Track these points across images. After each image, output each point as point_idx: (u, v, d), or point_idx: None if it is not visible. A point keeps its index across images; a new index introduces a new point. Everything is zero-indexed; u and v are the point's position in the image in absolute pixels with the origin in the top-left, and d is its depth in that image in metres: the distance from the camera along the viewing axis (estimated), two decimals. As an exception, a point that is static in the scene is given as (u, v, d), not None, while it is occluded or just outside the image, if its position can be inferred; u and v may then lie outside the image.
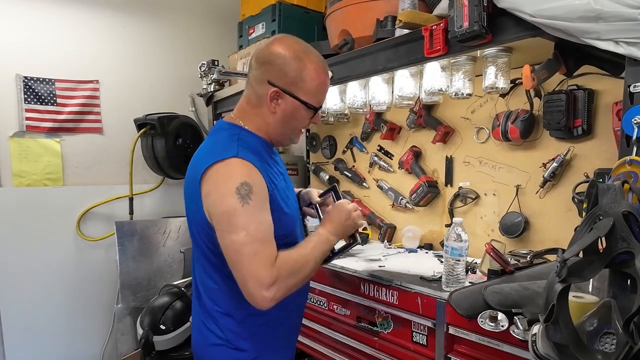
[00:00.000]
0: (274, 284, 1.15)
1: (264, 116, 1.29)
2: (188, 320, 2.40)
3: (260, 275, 1.14)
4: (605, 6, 1.10)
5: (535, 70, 1.37)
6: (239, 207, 1.14)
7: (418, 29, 1.61)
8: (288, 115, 1.29)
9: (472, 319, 1.30)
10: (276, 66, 1.25)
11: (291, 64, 1.24)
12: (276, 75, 1.25)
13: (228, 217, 1.16)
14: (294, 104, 1.27)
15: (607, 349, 0.90)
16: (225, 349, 1.32)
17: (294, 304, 1.42)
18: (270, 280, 1.14)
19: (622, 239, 0.91)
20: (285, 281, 1.17)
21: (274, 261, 1.16)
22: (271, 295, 1.14)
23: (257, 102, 1.29)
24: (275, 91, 1.25)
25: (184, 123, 2.93)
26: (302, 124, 1.35)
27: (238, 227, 1.15)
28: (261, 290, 1.14)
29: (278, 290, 1.16)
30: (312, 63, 1.26)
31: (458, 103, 2.07)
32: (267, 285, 1.14)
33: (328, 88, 1.36)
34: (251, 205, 1.15)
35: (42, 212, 2.73)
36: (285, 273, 1.18)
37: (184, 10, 3.18)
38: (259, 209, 1.18)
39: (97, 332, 2.95)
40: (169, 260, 2.92)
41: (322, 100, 1.33)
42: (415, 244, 2.30)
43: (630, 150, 1.13)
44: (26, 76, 2.64)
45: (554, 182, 1.83)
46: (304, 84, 1.26)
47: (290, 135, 1.37)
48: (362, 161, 2.73)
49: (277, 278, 1.15)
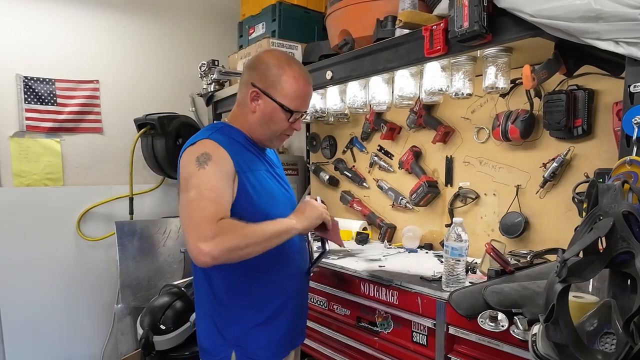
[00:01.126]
0: (212, 238, 1.16)
1: (246, 115, 1.42)
2: (188, 320, 2.40)
3: (201, 228, 1.18)
4: (605, 6, 1.10)
5: (536, 70, 1.37)
6: (195, 170, 1.25)
7: (418, 29, 1.61)
8: (266, 116, 1.40)
9: (472, 319, 1.30)
10: (259, 70, 1.40)
11: (272, 70, 1.38)
12: (258, 78, 1.39)
13: (185, 180, 1.27)
14: (272, 105, 1.39)
15: (607, 349, 0.90)
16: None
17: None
18: (209, 234, 1.16)
19: (622, 239, 0.91)
20: (225, 240, 1.17)
21: (217, 219, 1.19)
22: (207, 249, 1.15)
23: (243, 102, 1.43)
24: (254, 91, 1.38)
25: (184, 123, 2.93)
26: (280, 127, 1.43)
27: (191, 187, 1.24)
28: (198, 242, 1.16)
29: (215, 247, 1.15)
30: (292, 71, 1.39)
31: (458, 103, 2.07)
32: (205, 239, 1.16)
33: (308, 96, 1.47)
34: (207, 170, 1.25)
35: (42, 212, 2.73)
36: (228, 233, 1.18)
37: (184, 10, 3.18)
38: (214, 175, 1.25)
39: (97, 332, 2.95)
40: (169, 260, 2.92)
41: (299, 105, 1.42)
42: (415, 244, 2.30)
43: (630, 150, 1.13)
44: (26, 76, 2.64)
45: (554, 182, 1.83)
46: (282, 88, 1.38)
47: (270, 136, 1.45)
48: (362, 161, 2.73)
49: (217, 234, 1.17)
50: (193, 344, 2.39)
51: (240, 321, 1.41)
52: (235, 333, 1.41)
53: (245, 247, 1.21)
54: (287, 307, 1.47)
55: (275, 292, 1.44)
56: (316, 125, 2.99)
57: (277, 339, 1.45)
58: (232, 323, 1.42)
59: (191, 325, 2.39)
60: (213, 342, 1.45)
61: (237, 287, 1.40)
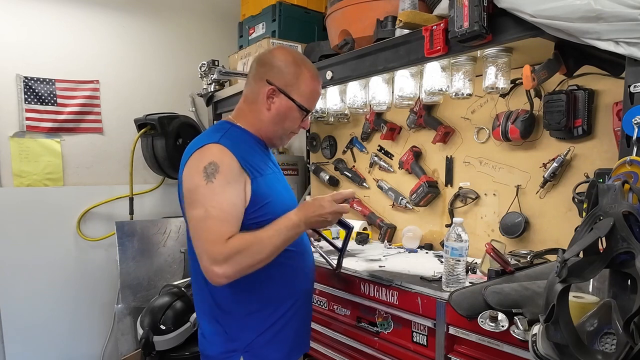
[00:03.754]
0: (225, 261, 1.17)
1: (259, 112, 1.38)
2: (188, 320, 2.40)
3: (212, 251, 1.18)
4: (606, 6, 1.10)
5: (536, 71, 1.37)
6: (203, 184, 1.21)
7: (418, 29, 1.61)
8: (281, 114, 1.38)
9: (472, 319, 1.30)
10: (276, 68, 1.36)
11: (290, 68, 1.36)
12: (275, 75, 1.35)
13: (191, 193, 1.24)
14: (288, 103, 1.37)
15: (608, 349, 0.90)
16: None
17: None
18: (221, 257, 1.18)
19: (623, 239, 0.91)
20: (238, 260, 1.19)
21: (226, 239, 1.19)
22: (222, 271, 1.18)
23: (254, 99, 1.39)
24: (272, 89, 1.35)
25: (184, 123, 2.93)
26: (293, 125, 1.42)
27: (198, 203, 1.22)
28: (212, 266, 1.18)
29: (229, 268, 1.18)
30: (308, 71, 1.39)
31: (458, 103, 2.07)
32: (218, 262, 1.17)
33: (319, 96, 1.47)
34: (215, 183, 1.21)
35: (43, 212, 2.73)
36: (239, 251, 1.19)
37: (184, 10, 3.18)
38: (222, 188, 1.22)
39: (97, 332, 2.95)
40: (169, 260, 2.92)
41: (313, 105, 1.44)
42: (415, 244, 2.30)
43: (630, 150, 1.13)
44: (26, 76, 2.64)
45: (554, 182, 1.83)
46: (299, 86, 1.37)
47: (282, 134, 1.44)
48: (362, 161, 2.73)
49: (229, 255, 1.18)
50: (193, 344, 2.39)
51: (249, 326, 1.37)
52: (246, 339, 1.36)
53: (258, 262, 1.24)
54: (298, 308, 1.45)
55: (286, 293, 1.41)
56: (316, 125, 2.99)
57: (288, 341, 1.43)
58: (242, 329, 1.37)
59: (191, 325, 2.39)
60: (220, 348, 1.39)
61: (246, 292, 1.35)
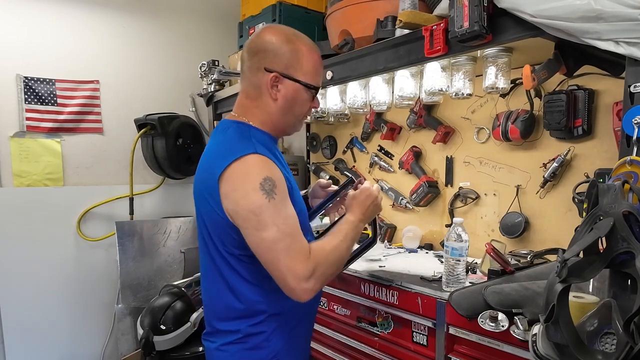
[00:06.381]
0: (312, 276, 1.16)
1: (266, 106, 1.27)
2: (188, 320, 2.39)
3: (297, 269, 1.14)
4: (606, 6, 1.10)
5: (536, 70, 1.37)
6: (265, 202, 1.13)
7: (418, 29, 1.61)
8: (290, 100, 1.27)
9: (472, 319, 1.30)
10: (270, 52, 1.23)
11: (284, 48, 1.23)
12: (271, 61, 1.23)
13: (255, 214, 1.13)
14: (294, 86, 1.26)
15: (608, 349, 0.90)
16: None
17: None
18: (308, 273, 1.15)
19: (623, 239, 0.91)
20: (322, 271, 1.19)
21: (308, 253, 1.17)
22: (310, 287, 1.16)
23: (256, 93, 1.27)
24: (274, 76, 1.23)
25: (185, 123, 2.94)
26: (304, 109, 1.32)
27: (267, 224, 1.13)
28: (301, 283, 1.14)
29: (317, 282, 1.17)
30: (303, 45, 1.26)
31: (458, 103, 2.07)
32: (306, 278, 1.15)
33: (322, 67, 1.35)
34: (277, 200, 1.15)
35: (43, 212, 2.73)
36: (321, 263, 1.19)
37: (184, 10, 3.18)
38: (284, 203, 1.18)
39: (98, 332, 2.95)
40: (169, 261, 2.92)
41: (319, 80, 1.32)
42: (415, 244, 2.30)
43: (630, 150, 1.12)
44: (26, 76, 2.64)
45: (554, 182, 1.83)
46: (300, 65, 1.25)
47: (294, 122, 1.35)
48: (363, 161, 2.73)
49: (314, 269, 1.16)
50: (193, 344, 2.39)
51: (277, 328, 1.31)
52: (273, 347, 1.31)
53: (336, 270, 1.26)
54: (307, 310, 1.41)
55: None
56: (316, 125, 2.99)
57: (298, 345, 1.39)
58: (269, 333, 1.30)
59: (191, 325, 2.39)
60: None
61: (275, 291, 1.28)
